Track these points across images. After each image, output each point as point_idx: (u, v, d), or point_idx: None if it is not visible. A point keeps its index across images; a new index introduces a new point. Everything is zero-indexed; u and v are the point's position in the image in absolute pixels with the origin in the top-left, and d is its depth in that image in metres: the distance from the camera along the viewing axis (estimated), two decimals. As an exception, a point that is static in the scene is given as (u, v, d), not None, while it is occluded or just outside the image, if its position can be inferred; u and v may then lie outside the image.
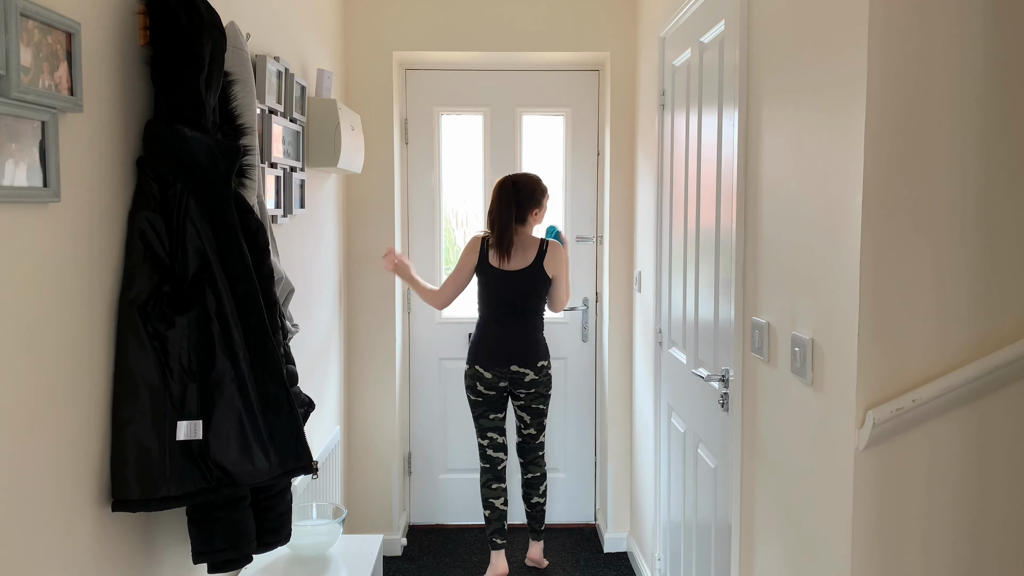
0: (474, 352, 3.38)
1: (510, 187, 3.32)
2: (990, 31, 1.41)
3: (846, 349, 1.49)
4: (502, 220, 3.30)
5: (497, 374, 3.34)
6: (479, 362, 3.36)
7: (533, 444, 3.49)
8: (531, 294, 3.34)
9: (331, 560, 2.21)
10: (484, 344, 3.36)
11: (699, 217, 2.47)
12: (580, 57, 3.72)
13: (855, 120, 1.45)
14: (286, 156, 2.48)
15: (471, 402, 3.42)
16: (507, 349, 3.34)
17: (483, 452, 3.45)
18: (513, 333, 3.35)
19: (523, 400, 3.41)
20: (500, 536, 3.42)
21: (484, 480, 3.45)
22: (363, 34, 3.58)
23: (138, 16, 1.50)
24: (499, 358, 3.34)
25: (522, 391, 3.39)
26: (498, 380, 3.36)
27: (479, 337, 3.39)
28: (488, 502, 3.44)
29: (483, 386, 3.37)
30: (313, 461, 1.64)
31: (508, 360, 3.34)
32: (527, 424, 3.46)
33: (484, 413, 3.41)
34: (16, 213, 1.16)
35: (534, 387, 3.38)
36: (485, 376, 3.35)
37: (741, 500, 2.09)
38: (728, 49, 2.16)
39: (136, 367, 1.42)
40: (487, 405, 3.40)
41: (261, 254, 1.66)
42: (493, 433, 3.43)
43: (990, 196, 1.43)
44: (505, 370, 3.34)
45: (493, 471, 3.44)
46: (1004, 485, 1.47)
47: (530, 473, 3.51)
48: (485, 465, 3.45)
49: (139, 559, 1.55)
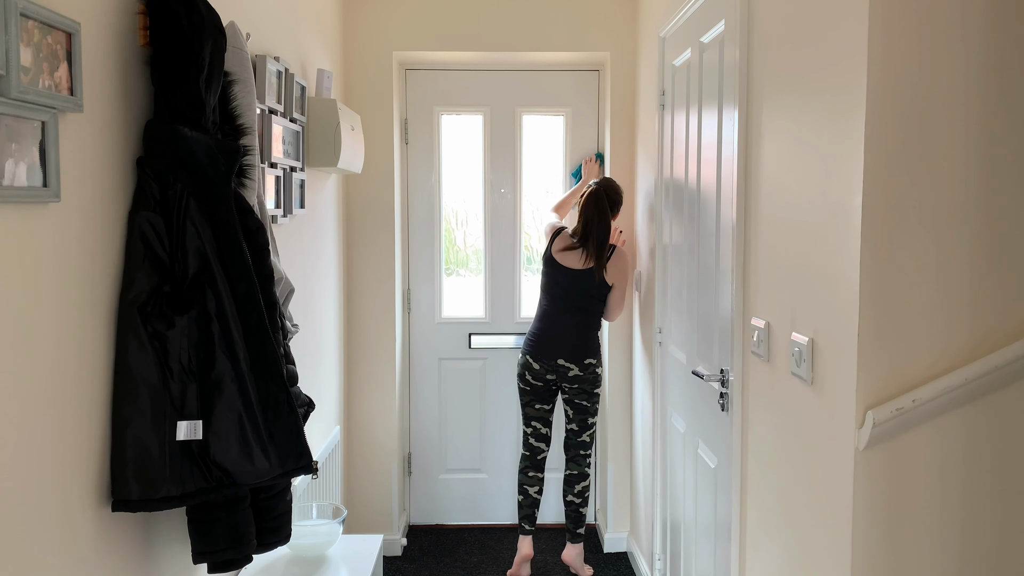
0: (527, 342, 3.44)
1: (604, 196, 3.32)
2: (991, 30, 1.41)
3: (846, 349, 1.49)
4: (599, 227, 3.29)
5: (545, 366, 3.38)
6: (530, 352, 3.42)
7: (575, 441, 3.49)
8: (587, 292, 3.35)
9: (331, 560, 2.21)
10: (536, 336, 3.42)
11: (699, 217, 2.47)
12: (580, 57, 3.72)
13: (855, 120, 1.45)
14: (286, 156, 2.48)
15: (520, 390, 3.47)
16: (556, 343, 3.37)
17: (525, 440, 3.49)
18: (566, 328, 3.37)
19: (568, 394, 3.46)
20: (529, 523, 3.46)
21: (522, 467, 3.49)
22: (363, 34, 3.58)
23: (138, 16, 1.50)
24: (547, 350, 3.38)
25: (566, 385, 3.43)
26: (545, 372, 3.39)
27: (534, 328, 3.45)
28: (522, 488, 3.48)
29: (531, 376, 3.41)
30: (313, 461, 1.64)
31: (555, 353, 3.37)
32: (570, 419, 3.50)
33: (531, 402, 3.46)
34: (16, 213, 1.16)
35: (578, 383, 3.39)
36: (533, 367, 3.40)
37: (741, 500, 2.09)
38: (728, 49, 2.16)
39: (136, 367, 1.42)
40: (534, 395, 3.45)
41: (261, 254, 1.66)
42: (537, 423, 3.47)
43: (990, 196, 1.43)
44: (552, 363, 3.37)
45: (532, 459, 3.48)
46: (1004, 485, 1.47)
47: (568, 470, 3.51)
48: (525, 452, 3.49)
49: (139, 559, 1.55)
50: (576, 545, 3.51)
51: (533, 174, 3.97)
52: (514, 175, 3.94)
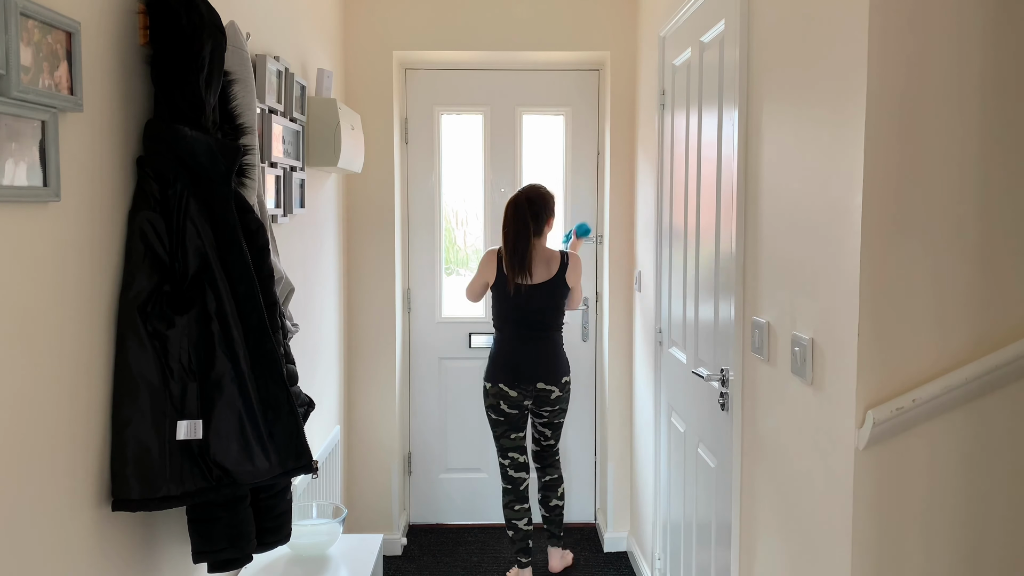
0: (497, 370, 3.27)
1: (524, 204, 3.23)
2: (990, 32, 1.41)
3: (846, 349, 1.49)
4: (519, 239, 3.21)
5: (523, 392, 3.26)
6: (504, 380, 3.26)
7: (552, 450, 3.48)
8: (553, 308, 3.29)
9: (331, 560, 2.21)
10: (508, 361, 3.26)
11: (699, 216, 2.47)
12: (580, 57, 3.72)
13: (855, 120, 1.45)
14: (286, 156, 2.48)
15: (492, 421, 3.33)
16: (533, 367, 3.26)
17: (504, 472, 3.37)
18: (538, 350, 3.27)
19: (546, 417, 3.38)
20: (525, 555, 3.38)
21: (507, 501, 3.37)
22: (363, 34, 3.58)
23: (138, 16, 1.50)
24: (525, 376, 3.25)
25: (547, 408, 3.34)
26: (523, 399, 3.28)
27: (502, 354, 3.28)
28: (511, 523, 3.37)
29: (507, 405, 3.27)
30: (313, 461, 1.64)
31: (534, 378, 3.26)
32: (547, 437, 3.44)
33: (506, 433, 3.32)
34: (16, 213, 1.16)
35: (558, 404, 3.35)
36: (510, 395, 3.26)
37: (741, 500, 2.09)
38: (728, 49, 2.16)
39: (136, 367, 1.42)
40: (509, 424, 3.31)
41: (261, 254, 1.66)
42: (514, 453, 3.35)
43: (990, 196, 1.43)
44: (531, 388, 3.27)
45: (516, 492, 3.36)
46: (1004, 485, 1.47)
47: (548, 476, 3.48)
48: (507, 486, 3.37)
49: (139, 559, 1.55)
50: (559, 548, 3.50)
51: (533, 174, 3.96)
52: (514, 175, 3.94)
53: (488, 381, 3.30)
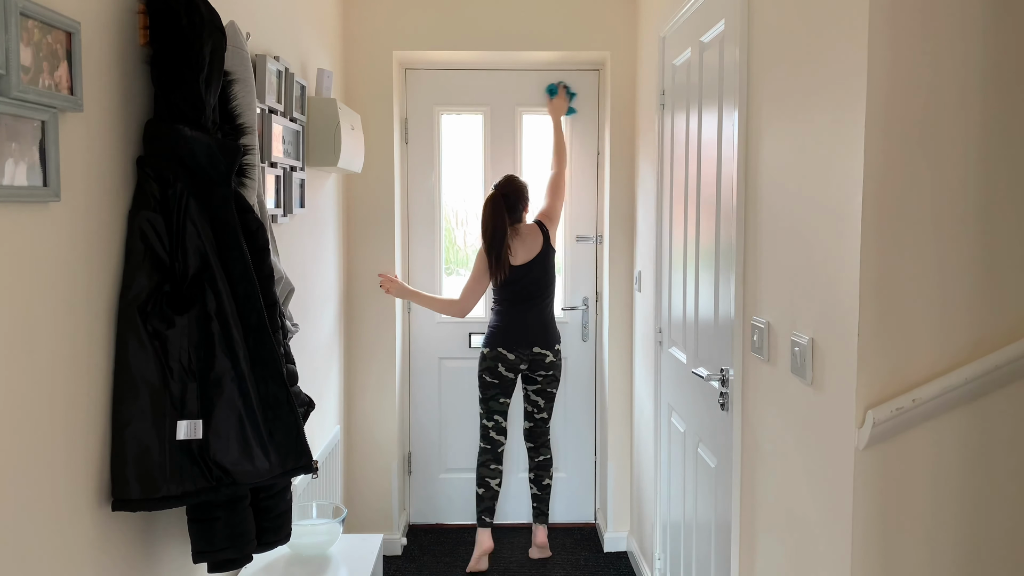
0: (497, 336, 3.49)
1: (500, 200, 3.46)
2: (991, 30, 1.41)
3: (846, 349, 1.49)
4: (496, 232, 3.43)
5: (520, 355, 3.47)
6: (502, 344, 3.47)
7: (543, 428, 3.63)
8: (543, 281, 3.52)
9: (331, 560, 2.21)
10: (507, 328, 3.48)
11: (699, 216, 2.47)
12: (580, 57, 3.72)
13: (855, 120, 1.45)
14: (286, 156, 2.48)
15: (486, 384, 3.51)
16: (530, 331, 3.48)
17: (486, 433, 3.55)
18: (533, 318, 3.50)
19: (539, 384, 3.56)
20: (489, 515, 3.55)
21: (483, 460, 3.56)
22: (363, 34, 3.58)
23: (138, 16, 1.50)
24: (522, 340, 3.47)
25: (541, 373, 3.53)
26: (519, 362, 3.48)
27: (500, 323, 3.50)
28: (484, 481, 3.55)
29: (504, 367, 3.47)
30: (313, 461, 1.64)
31: (531, 342, 3.48)
32: (540, 408, 3.60)
33: (496, 396, 3.52)
34: (16, 213, 1.16)
35: (551, 369, 3.54)
36: (508, 357, 3.46)
37: (741, 500, 2.09)
38: (728, 49, 2.16)
39: (136, 366, 1.42)
40: (501, 388, 3.51)
41: (261, 254, 1.66)
42: (499, 416, 3.54)
43: (990, 196, 1.43)
44: (528, 352, 3.48)
45: (494, 452, 3.55)
46: (1004, 484, 1.47)
47: (541, 456, 3.64)
48: (486, 446, 3.55)
49: (139, 559, 1.55)
50: (544, 526, 3.64)
51: (533, 173, 3.96)
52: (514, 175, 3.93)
53: (487, 347, 3.51)
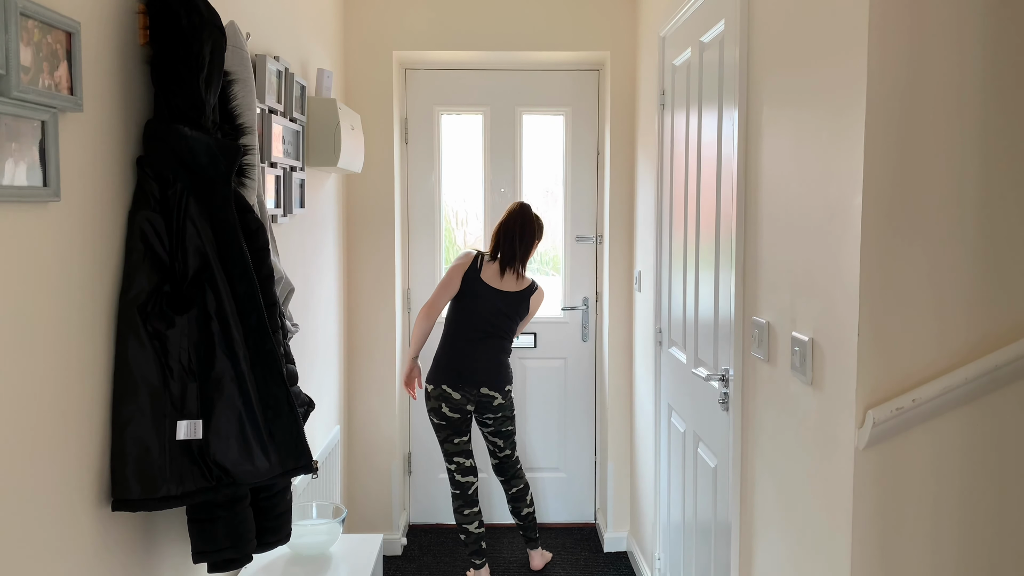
0: (441, 371, 3.24)
1: (531, 214, 3.31)
2: (989, 32, 1.41)
3: (846, 349, 1.49)
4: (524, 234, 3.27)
5: (465, 395, 3.23)
6: (447, 382, 3.22)
7: (510, 462, 3.45)
8: (513, 317, 3.30)
9: (331, 560, 2.21)
10: (454, 363, 3.23)
11: (699, 217, 2.47)
12: (580, 57, 3.72)
13: (855, 120, 1.45)
14: (286, 156, 2.48)
15: (435, 426, 3.28)
16: (479, 370, 3.24)
17: (452, 478, 3.33)
18: (486, 354, 3.25)
19: (492, 426, 3.36)
20: (479, 557, 3.36)
21: (456, 506, 3.35)
22: (363, 34, 3.58)
23: (138, 16, 1.50)
24: (469, 379, 3.23)
25: (490, 416, 3.32)
26: (465, 403, 3.24)
27: (448, 355, 3.26)
28: (462, 528, 3.35)
29: (449, 408, 3.23)
30: (313, 461, 1.64)
31: (479, 382, 3.24)
32: (500, 448, 3.41)
33: (449, 437, 3.27)
34: (16, 213, 1.16)
35: (501, 411, 3.33)
36: (453, 397, 3.21)
37: (741, 500, 2.09)
38: (728, 49, 2.16)
39: (136, 366, 1.42)
40: (452, 429, 3.26)
41: (261, 254, 1.66)
42: (460, 458, 3.30)
43: (990, 195, 1.43)
44: (475, 392, 3.24)
45: (464, 496, 3.33)
46: (1004, 484, 1.47)
47: (514, 488, 3.46)
48: (455, 491, 3.33)
49: (139, 559, 1.55)
50: (538, 549, 3.51)
51: (533, 174, 3.97)
52: (514, 175, 3.94)
53: (430, 383, 3.25)
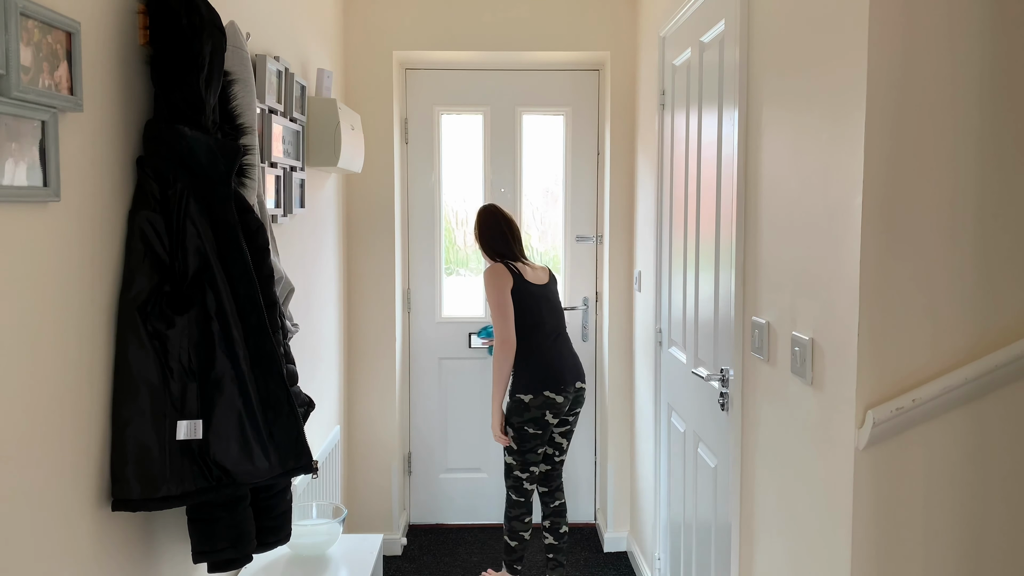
0: (543, 378, 3.05)
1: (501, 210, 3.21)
2: (988, 34, 1.41)
3: (846, 349, 1.49)
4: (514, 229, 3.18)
5: (567, 396, 3.09)
6: (550, 387, 3.04)
7: (560, 470, 3.29)
8: (559, 305, 3.23)
9: (331, 560, 2.21)
10: (553, 366, 3.07)
11: (699, 217, 2.47)
12: (580, 57, 3.72)
13: (855, 120, 1.45)
14: (286, 156, 2.48)
15: (528, 435, 3.07)
16: (574, 366, 3.15)
17: (519, 485, 3.14)
18: (567, 349, 3.17)
19: (571, 423, 3.21)
20: (520, 563, 3.23)
21: (516, 514, 3.16)
22: (363, 34, 3.58)
23: (138, 16, 1.50)
24: (569, 378, 3.10)
25: (576, 410, 3.19)
26: (566, 404, 3.10)
27: (543, 361, 3.08)
28: (519, 535, 3.18)
29: (553, 414, 3.06)
30: (313, 461, 1.64)
31: (576, 378, 3.13)
32: (563, 450, 3.24)
33: (536, 447, 3.10)
34: (16, 213, 1.16)
35: (582, 404, 3.22)
36: (557, 401, 3.05)
37: (741, 500, 2.09)
38: (728, 49, 2.16)
39: (136, 366, 1.42)
40: (544, 437, 3.10)
41: (261, 254, 1.66)
42: (535, 467, 3.14)
43: (990, 196, 1.43)
44: (572, 389, 3.11)
45: (527, 504, 3.17)
46: (1004, 484, 1.47)
47: (556, 500, 3.28)
48: (519, 499, 3.15)
49: (139, 559, 1.55)
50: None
51: (533, 174, 3.97)
52: (514, 175, 3.94)
53: (529, 393, 3.05)
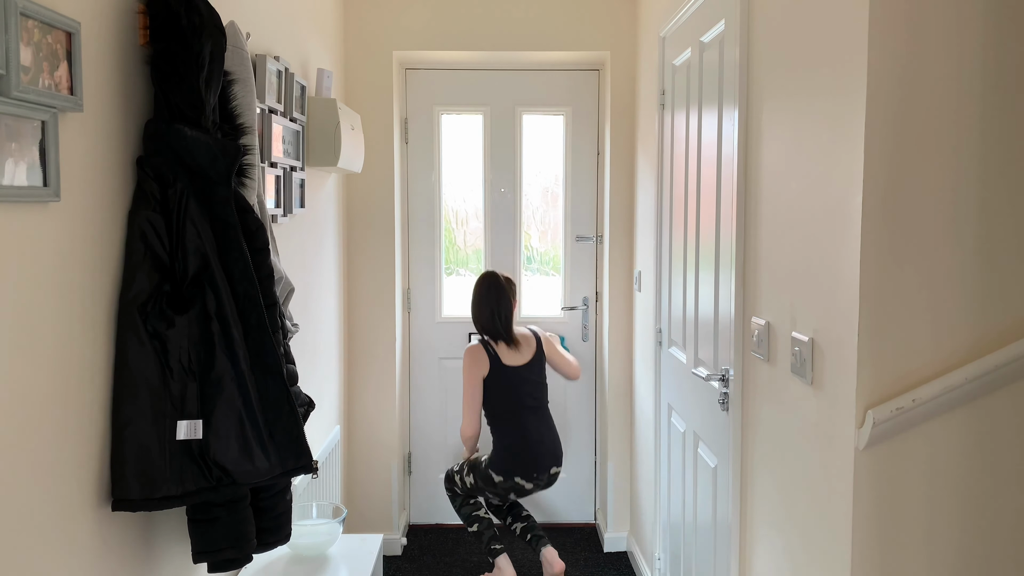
0: (517, 464, 3.06)
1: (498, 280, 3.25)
2: (990, 32, 1.41)
3: (846, 349, 1.49)
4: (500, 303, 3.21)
5: (538, 484, 3.10)
6: (524, 475, 3.05)
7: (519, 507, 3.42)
8: (542, 380, 3.25)
9: (331, 560, 2.21)
10: (530, 450, 3.06)
11: (699, 216, 2.47)
12: (580, 57, 3.72)
13: (855, 120, 1.45)
14: (286, 156, 2.48)
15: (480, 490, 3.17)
16: (549, 452, 3.13)
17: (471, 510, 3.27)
18: (549, 432, 3.16)
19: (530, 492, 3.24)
20: (497, 542, 3.24)
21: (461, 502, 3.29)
22: (363, 34, 3.58)
23: (138, 16, 1.50)
24: (544, 464, 3.09)
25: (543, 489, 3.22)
26: (536, 490, 3.12)
27: (515, 444, 3.08)
28: (474, 516, 3.25)
29: (515, 494, 3.12)
30: (313, 461, 1.64)
31: (552, 462, 3.12)
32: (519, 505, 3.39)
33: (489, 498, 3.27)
34: (16, 213, 1.16)
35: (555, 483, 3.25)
36: (526, 488, 3.07)
37: (741, 500, 2.09)
38: (728, 49, 2.16)
39: (136, 366, 1.42)
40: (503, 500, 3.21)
41: (261, 254, 1.66)
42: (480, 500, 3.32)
43: (990, 195, 1.43)
44: (545, 476, 3.11)
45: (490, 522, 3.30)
46: (1004, 484, 1.47)
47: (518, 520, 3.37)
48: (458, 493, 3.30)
49: (139, 559, 1.55)
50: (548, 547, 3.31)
51: (533, 173, 3.97)
52: (514, 174, 3.94)
53: (500, 475, 3.08)
